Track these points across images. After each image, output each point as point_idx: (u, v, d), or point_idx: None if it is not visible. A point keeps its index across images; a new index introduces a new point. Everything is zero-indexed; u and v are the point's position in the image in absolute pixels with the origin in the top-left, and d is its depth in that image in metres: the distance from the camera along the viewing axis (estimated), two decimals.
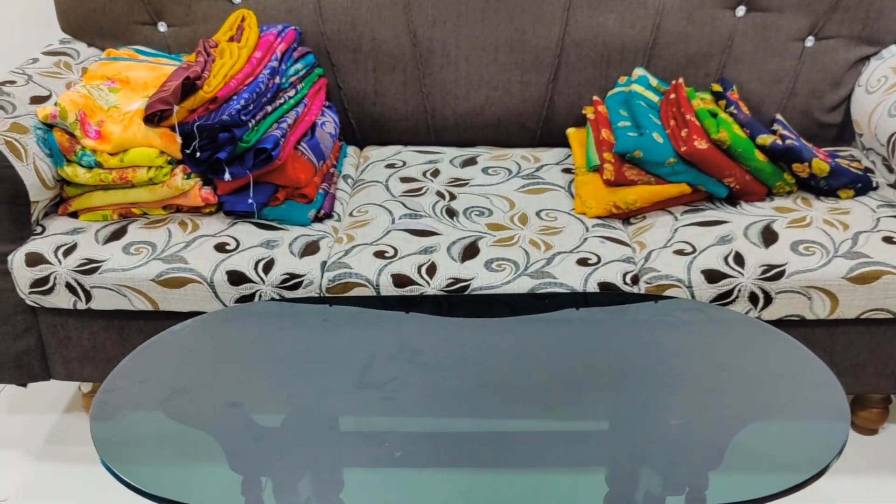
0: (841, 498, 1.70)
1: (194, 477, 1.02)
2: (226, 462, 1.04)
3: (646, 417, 1.09)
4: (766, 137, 1.78)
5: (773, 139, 1.77)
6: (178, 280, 1.62)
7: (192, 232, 1.72)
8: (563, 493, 0.99)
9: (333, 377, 1.19)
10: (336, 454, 1.05)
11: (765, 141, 1.77)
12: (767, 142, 1.77)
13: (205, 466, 1.04)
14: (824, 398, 1.11)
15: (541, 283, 1.59)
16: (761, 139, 1.78)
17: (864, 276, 1.58)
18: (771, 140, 1.77)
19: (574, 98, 2.07)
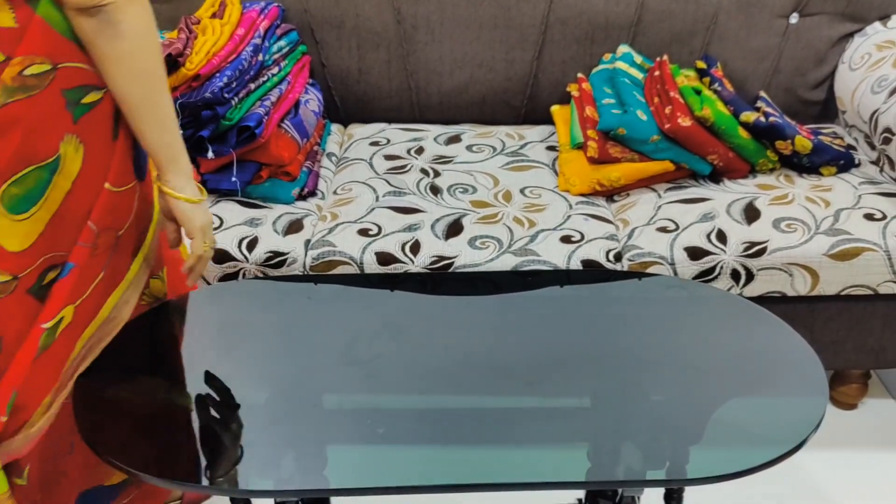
0: (820, 470, 1.72)
1: (177, 454, 1.02)
2: (208, 439, 1.04)
3: (627, 393, 1.10)
4: (749, 114, 1.78)
5: (757, 116, 1.78)
6: None
7: None
8: (545, 468, 1.00)
9: (317, 355, 1.20)
10: (320, 431, 1.06)
11: (748, 118, 1.78)
12: (751, 119, 1.77)
13: (188, 443, 1.04)
14: (804, 374, 1.13)
15: (524, 260, 1.59)
16: (745, 116, 1.78)
17: (844, 252, 1.59)
18: (754, 117, 1.78)
19: (559, 75, 2.07)
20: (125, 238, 1.16)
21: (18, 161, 1.00)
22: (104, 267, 1.12)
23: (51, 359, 1.08)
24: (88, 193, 1.08)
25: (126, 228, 1.15)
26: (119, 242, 1.15)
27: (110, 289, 1.15)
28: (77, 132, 1.04)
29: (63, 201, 1.05)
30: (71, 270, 1.07)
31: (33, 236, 1.03)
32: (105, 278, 1.13)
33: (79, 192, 1.06)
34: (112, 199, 1.11)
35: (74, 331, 1.10)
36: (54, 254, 1.06)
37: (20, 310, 1.05)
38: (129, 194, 1.14)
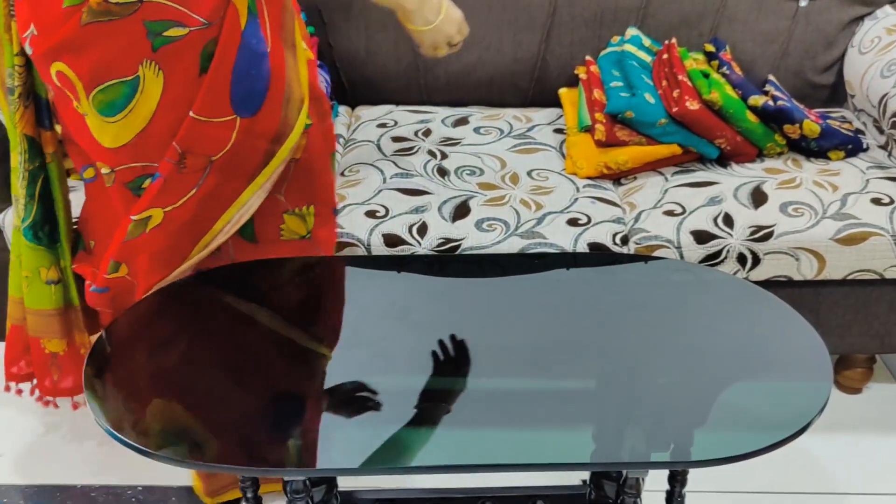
0: (825, 454, 1.73)
1: (184, 434, 1.03)
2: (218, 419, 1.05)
3: (632, 376, 1.11)
4: (757, 98, 1.78)
5: (765, 100, 1.77)
6: None
7: None
8: (550, 450, 1.00)
9: (324, 336, 1.20)
10: (325, 411, 1.07)
11: (756, 102, 1.77)
12: (759, 103, 1.77)
13: (197, 423, 1.05)
14: (809, 358, 1.13)
15: (531, 243, 1.60)
16: (753, 100, 1.78)
17: (851, 237, 1.59)
18: (763, 101, 1.77)
19: (566, 58, 2.06)
20: (230, 165, 1.29)
21: (101, 73, 1.18)
22: (197, 185, 1.28)
23: (142, 247, 1.30)
24: (172, 117, 1.22)
25: (222, 156, 1.27)
26: (221, 168, 1.28)
27: (219, 208, 1.32)
28: (156, 60, 1.19)
29: (150, 120, 1.22)
30: (157, 179, 1.26)
31: (123, 139, 1.23)
32: (207, 198, 1.29)
33: (163, 114, 1.22)
34: (198, 126, 1.24)
35: (168, 231, 1.30)
36: (146, 164, 1.26)
37: (122, 199, 1.29)
38: (223, 127, 1.25)
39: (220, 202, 1.32)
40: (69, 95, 1.22)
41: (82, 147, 1.30)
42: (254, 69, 1.25)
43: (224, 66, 1.22)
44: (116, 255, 1.33)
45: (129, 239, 1.30)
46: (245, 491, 1.33)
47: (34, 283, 1.45)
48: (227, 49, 1.22)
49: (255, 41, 1.24)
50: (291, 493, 1.18)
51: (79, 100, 1.21)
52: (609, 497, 1.27)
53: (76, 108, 1.23)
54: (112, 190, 1.30)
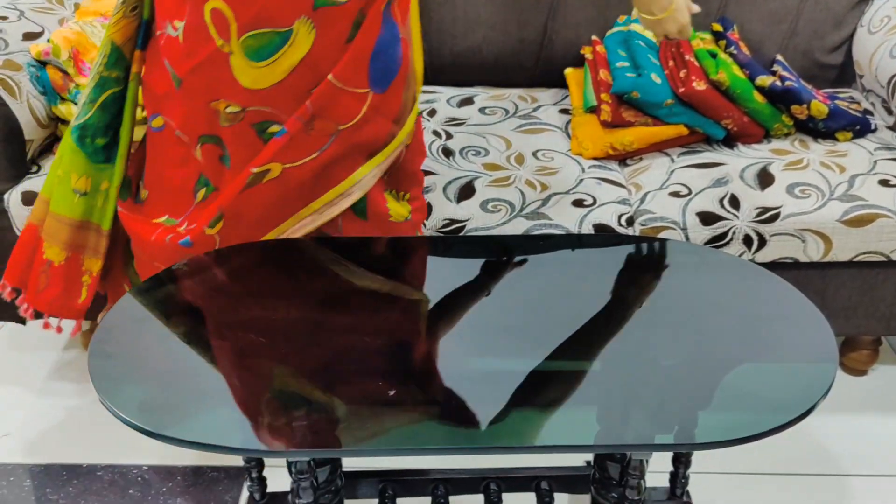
0: (830, 436, 1.73)
1: (191, 414, 1.04)
2: (223, 399, 1.06)
3: (637, 358, 1.11)
4: (765, 78, 1.76)
5: (773, 80, 1.76)
6: None
7: None
8: (554, 431, 1.00)
9: (329, 316, 1.20)
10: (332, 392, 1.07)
11: (764, 82, 1.76)
12: (766, 83, 1.75)
13: (202, 403, 1.06)
14: (814, 339, 1.12)
15: (536, 224, 1.59)
16: (760, 80, 1.76)
17: (858, 218, 1.58)
18: (770, 81, 1.76)
19: (572, 38, 2.05)
20: (354, 139, 1.32)
21: (260, 21, 1.23)
22: (320, 150, 1.31)
23: (253, 200, 1.32)
24: (311, 76, 1.28)
25: (350, 127, 1.31)
26: (346, 140, 1.32)
27: (334, 178, 1.34)
28: (313, 18, 1.24)
29: (290, 73, 1.27)
30: (284, 134, 1.30)
31: (262, 84, 1.27)
32: (326, 166, 1.32)
33: (303, 71, 1.27)
34: (333, 91, 1.28)
35: (282, 188, 1.32)
36: (274, 110, 1.29)
37: (244, 139, 1.31)
38: (355, 98, 1.30)
39: (337, 173, 1.35)
40: (213, 34, 1.25)
41: (206, 84, 1.31)
42: (391, 49, 1.31)
43: (368, 39, 1.28)
44: (228, 206, 1.34)
45: (245, 189, 1.32)
46: (250, 471, 1.33)
47: (64, 185, 1.44)
48: (372, 24, 1.28)
49: (391, 23, 1.31)
50: (296, 474, 1.18)
51: (227, 39, 1.25)
52: (613, 478, 1.27)
53: (219, 47, 1.26)
54: (231, 131, 1.31)
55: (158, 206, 1.43)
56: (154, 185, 1.45)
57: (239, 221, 1.35)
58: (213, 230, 1.35)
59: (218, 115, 1.31)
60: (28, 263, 1.52)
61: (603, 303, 1.21)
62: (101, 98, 1.40)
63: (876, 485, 1.63)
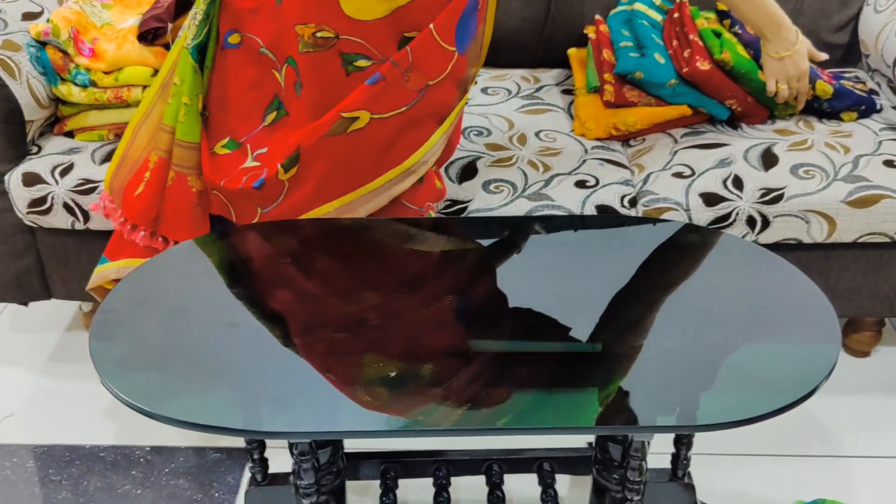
0: (832, 418, 1.73)
1: (191, 396, 1.04)
2: (223, 381, 1.06)
3: (639, 339, 1.10)
4: None
5: None
6: None
7: None
8: (555, 412, 1.00)
9: (329, 298, 1.20)
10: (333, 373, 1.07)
11: None
12: None
13: (202, 385, 1.05)
14: (817, 321, 1.12)
15: (538, 205, 1.58)
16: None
17: (863, 199, 1.57)
18: None
19: (576, 17, 2.03)
20: (435, 97, 1.35)
21: None
22: (409, 105, 1.33)
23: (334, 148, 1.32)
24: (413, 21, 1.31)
25: (436, 84, 1.34)
26: (431, 97, 1.34)
27: (415, 142, 1.36)
28: None
29: (395, 10, 1.29)
30: (377, 80, 1.31)
31: (365, 16, 1.29)
32: (411, 124, 1.34)
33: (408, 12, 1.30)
34: (431, 43, 1.31)
35: (365, 141, 1.32)
36: (368, 44, 1.30)
37: (327, 67, 1.31)
38: (445, 54, 1.33)
39: (415, 138, 1.36)
40: None
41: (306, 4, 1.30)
42: (471, 15, 1.35)
43: (462, 3, 1.32)
44: (307, 148, 1.33)
45: (329, 135, 1.32)
46: (251, 453, 1.33)
47: (191, 112, 1.43)
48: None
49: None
50: (297, 455, 1.19)
51: None
52: (615, 460, 1.27)
53: None
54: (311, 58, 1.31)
55: (221, 128, 1.42)
56: (218, 105, 1.44)
57: (311, 170, 1.35)
58: (287, 175, 1.35)
59: (299, 40, 1.31)
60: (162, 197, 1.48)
61: (605, 284, 1.20)
62: (212, 15, 1.41)
63: (878, 466, 1.63)
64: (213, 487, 1.60)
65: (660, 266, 1.25)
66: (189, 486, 1.61)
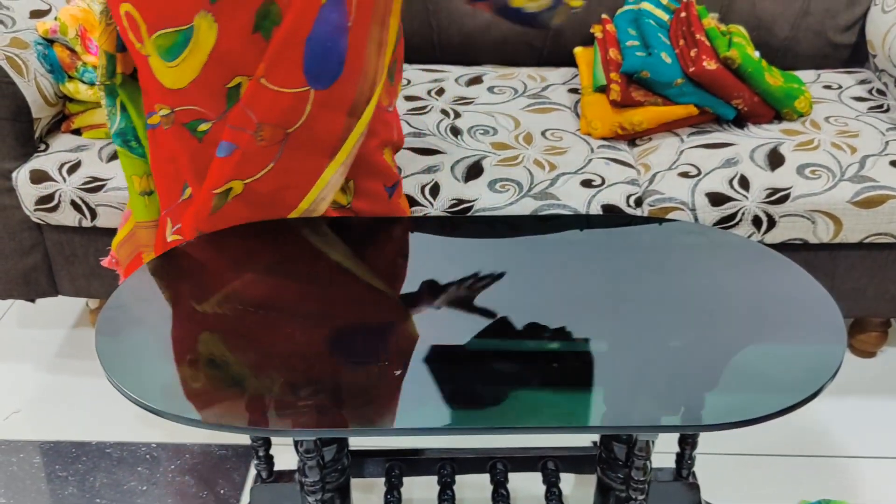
0: (838, 418, 1.73)
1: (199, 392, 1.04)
2: (230, 379, 1.06)
3: (644, 339, 1.10)
4: None
5: None
6: None
7: None
8: (560, 412, 1.00)
9: (336, 295, 1.20)
10: (338, 371, 1.07)
11: None
12: None
13: (208, 383, 1.06)
14: (822, 321, 1.12)
15: (544, 204, 1.59)
16: None
17: (869, 200, 1.57)
18: None
19: (582, 16, 2.03)
20: (307, 138, 1.28)
21: (161, 20, 1.22)
22: (275, 158, 1.28)
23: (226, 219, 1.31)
24: (224, 70, 1.24)
25: (299, 128, 1.27)
26: (299, 141, 1.28)
27: (302, 186, 1.31)
28: (212, 12, 1.20)
29: (203, 69, 1.24)
30: (232, 151, 1.27)
31: (180, 83, 1.25)
32: (289, 172, 1.29)
33: (214, 65, 1.23)
34: (269, 94, 1.24)
35: (249, 203, 1.30)
36: (200, 109, 1.27)
37: (183, 139, 1.30)
38: (296, 98, 1.25)
39: (304, 178, 1.31)
40: (132, 38, 1.26)
41: (145, 87, 1.32)
42: (330, 42, 1.24)
43: (297, 36, 1.22)
44: (204, 228, 1.32)
45: (214, 212, 1.30)
46: (257, 450, 1.34)
47: (132, 193, 1.47)
48: (301, 20, 1.21)
49: (335, 15, 1.23)
50: (303, 453, 1.19)
51: (142, 41, 1.25)
52: (619, 459, 1.27)
53: (139, 50, 1.26)
54: (170, 133, 1.31)
55: (162, 199, 1.44)
56: (156, 181, 1.45)
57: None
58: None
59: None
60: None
61: (611, 284, 1.20)
62: (117, 104, 1.42)
63: (883, 467, 1.63)
64: (218, 484, 1.61)
65: (665, 266, 1.25)
66: (195, 482, 1.61)
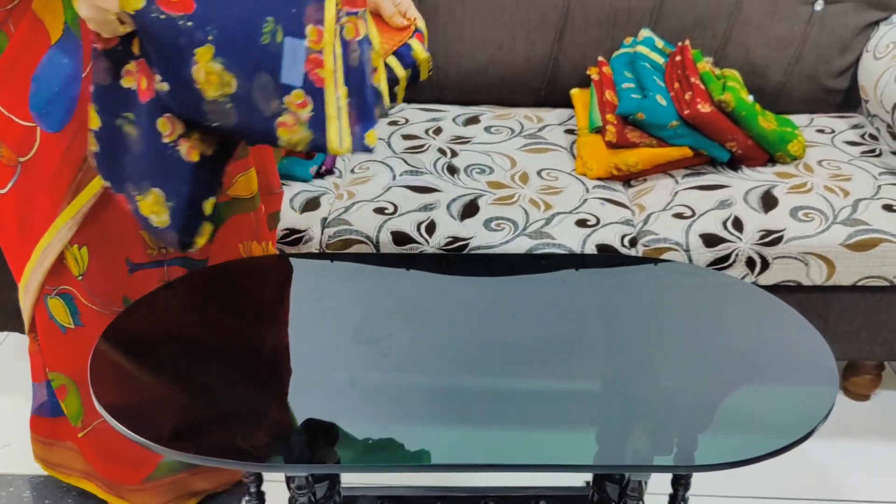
0: (831, 461, 1.72)
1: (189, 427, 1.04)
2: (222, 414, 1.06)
3: (638, 378, 1.11)
4: None
5: None
6: None
7: None
8: (553, 450, 1.00)
9: (330, 332, 1.21)
10: (330, 408, 1.07)
11: None
12: None
13: (199, 417, 1.06)
14: (815, 363, 1.12)
15: (539, 243, 1.59)
16: None
17: (862, 243, 1.58)
18: None
19: (579, 58, 2.06)
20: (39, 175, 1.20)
21: None
22: (9, 184, 1.22)
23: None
24: None
25: (29, 160, 1.20)
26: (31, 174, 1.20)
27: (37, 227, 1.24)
28: None
29: None
30: None
31: None
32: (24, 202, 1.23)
33: None
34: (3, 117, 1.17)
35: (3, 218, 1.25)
36: None
37: None
38: (27, 130, 1.18)
39: (39, 218, 1.24)
40: None
41: None
42: (58, 86, 1.17)
43: (19, 69, 1.16)
44: None
45: None
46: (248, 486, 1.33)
47: None
48: (22, 54, 1.16)
49: (66, 60, 1.16)
50: (294, 489, 1.18)
51: None
52: (612, 499, 1.26)
53: None
54: None
55: None
56: None
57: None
58: None
59: None
60: None
61: (605, 323, 1.21)
62: None
63: None
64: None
65: (659, 306, 1.26)
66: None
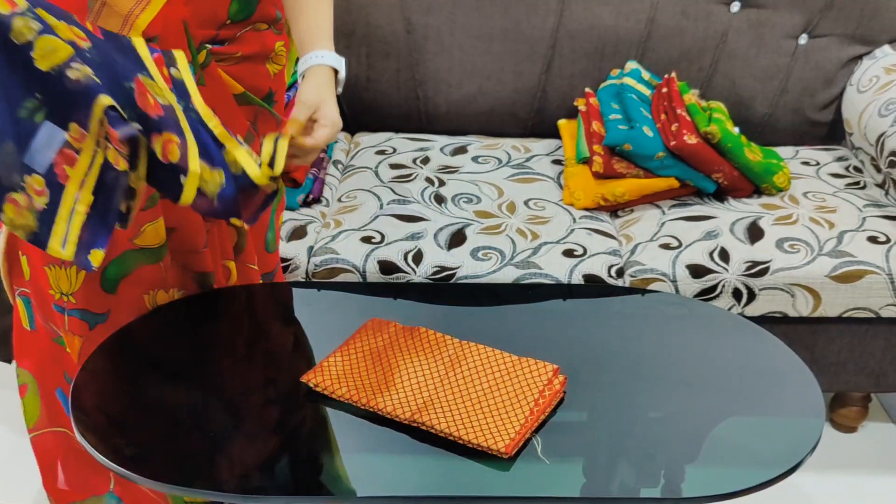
0: (819, 493, 1.71)
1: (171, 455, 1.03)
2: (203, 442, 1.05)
3: (624, 410, 1.10)
4: None
5: None
6: None
7: None
8: (540, 482, 1.00)
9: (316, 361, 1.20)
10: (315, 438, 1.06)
11: None
12: None
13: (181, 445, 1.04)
14: (802, 395, 1.12)
15: (526, 273, 1.59)
16: None
17: (847, 274, 1.59)
18: None
19: (566, 89, 2.07)
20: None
21: None
22: None
23: None
24: None
25: None
26: None
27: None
28: None
29: None
30: None
31: None
32: None
33: None
34: None
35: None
36: None
37: None
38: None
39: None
40: None
41: None
42: None
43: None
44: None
45: None
46: None
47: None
48: None
49: None
50: None
51: None
52: None
53: None
54: None
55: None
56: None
57: None
58: None
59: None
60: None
61: (591, 354, 1.20)
62: None
63: None
64: None
65: (646, 337, 1.25)
66: None
